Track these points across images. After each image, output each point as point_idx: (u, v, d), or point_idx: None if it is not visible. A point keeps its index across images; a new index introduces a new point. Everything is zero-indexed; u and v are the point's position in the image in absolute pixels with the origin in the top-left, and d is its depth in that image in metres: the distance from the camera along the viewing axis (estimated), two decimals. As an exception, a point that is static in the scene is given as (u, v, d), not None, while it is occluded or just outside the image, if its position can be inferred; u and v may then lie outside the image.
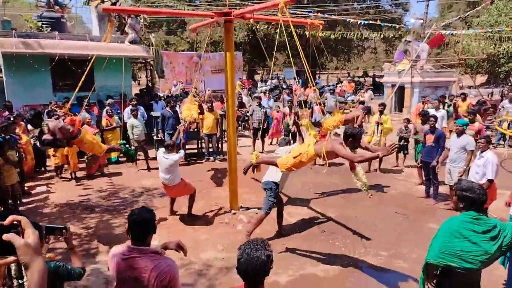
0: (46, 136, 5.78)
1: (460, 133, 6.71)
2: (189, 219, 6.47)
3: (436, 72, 18.42)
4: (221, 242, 5.63)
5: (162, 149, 6.17)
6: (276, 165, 5.01)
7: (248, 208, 6.92)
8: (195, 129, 9.99)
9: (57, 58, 10.09)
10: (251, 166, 5.69)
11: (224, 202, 7.02)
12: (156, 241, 5.56)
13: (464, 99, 12.64)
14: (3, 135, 6.66)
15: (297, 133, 10.39)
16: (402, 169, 9.51)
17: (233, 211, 6.74)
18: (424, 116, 8.00)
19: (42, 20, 11.24)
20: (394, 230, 6.10)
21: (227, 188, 6.92)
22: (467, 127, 7.35)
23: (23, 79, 10.32)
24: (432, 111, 9.57)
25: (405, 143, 9.33)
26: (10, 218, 1.08)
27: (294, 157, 4.68)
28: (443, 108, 11.66)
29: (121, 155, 9.92)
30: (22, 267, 1.11)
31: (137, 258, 2.38)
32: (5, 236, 1.03)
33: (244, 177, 6.57)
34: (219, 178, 8.81)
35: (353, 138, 4.43)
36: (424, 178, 7.82)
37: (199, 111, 8.72)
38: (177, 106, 11.05)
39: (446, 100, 12.63)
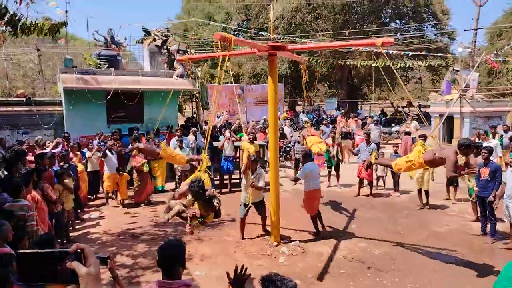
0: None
1: (518, 167, 6.27)
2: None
3: (488, 101, 17.55)
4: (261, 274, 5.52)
5: None
6: (391, 166, 6.07)
7: (290, 240, 6.79)
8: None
9: (112, 92, 10.83)
10: (370, 164, 6.93)
11: (269, 226, 6.94)
12: (198, 272, 5.59)
13: (521, 130, 11.88)
14: (62, 163, 7.15)
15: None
16: (453, 203, 8.97)
17: (275, 243, 6.65)
18: (477, 148, 7.58)
19: (100, 58, 12.19)
20: (448, 270, 5.69)
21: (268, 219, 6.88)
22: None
23: (81, 112, 11.13)
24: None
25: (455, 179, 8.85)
26: (74, 246, 1.11)
27: (406, 162, 5.55)
28: (493, 137, 11.05)
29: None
30: None
31: None
32: (69, 264, 1.06)
33: (286, 209, 6.53)
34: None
35: (467, 148, 4.90)
36: (479, 214, 7.31)
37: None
38: (220, 136, 11.33)
39: (499, 131, 11.94)
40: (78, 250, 1.10)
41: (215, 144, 10.71)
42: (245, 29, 26.53)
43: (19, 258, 1.11)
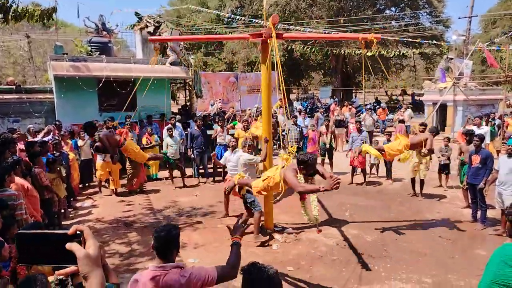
0: (98, 144, 7.13)
1: (511, 154, 6.30)
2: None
3: (481, 89, 17.62)
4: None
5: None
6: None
7: (283, 228, 6.83)
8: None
9: (103, 80, 10.68)
10: (233, 186, 6.21)
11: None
12: (191, 259, 5.61)
13: (514, 118, 11.99)
14: (54, 152, 7.07)
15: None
16: (445, 190, 9.07)
17: (268, 231, 6.68)
18: (469, 136, 7.62)
19: (91, 45, 11.99)
20: (439, 256, 5.77)
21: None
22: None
23: (72, 99, 10.98)
24: (474, 129, 9.15)
25: (447, 162, 8.92)
26: (74, 228, 1.08)
27: (263, 180, 4.78)
28: (486, 125, 11.17)
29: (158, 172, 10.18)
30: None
31: (163, 277, 2.42)
32: (68, 245, 1.04)
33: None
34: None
35: (304, 165, 4.28)
36: (470, 201, 7.39)
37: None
38: (214, 125, 11.27)
39: (496, 120, 12.06)
40: (78, 232, 1.08)
41: (209, 132, 10.67)
42: (239, 16, 26.20)
43: (19, 239, 1.09)
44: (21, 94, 11.51)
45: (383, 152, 7.17)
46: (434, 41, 21.44)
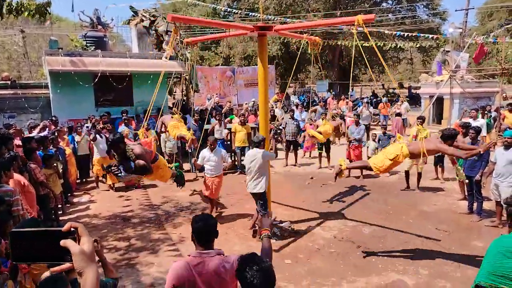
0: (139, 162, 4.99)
1: (508, 146, 6.33)
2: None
3: (478, 82, 17.65)
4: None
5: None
6: (370, 168, 5.29)
7: (281, 222, 6.85)
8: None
9: (99, 75, 10.62)
10: (340, 172, 5.52)
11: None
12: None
13: (511, 110, 12.06)
14: (51, 147, 7.04)
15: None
16: (442, 182, 9.12)
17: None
18: (465, 128, 7.65)
19: (87, 39, 11.90)
20: (435, 248, 5.81)
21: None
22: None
23: (68, 95, 10.92)
24: (470, 122, 9.19)
25: (441, 155, 8.94)
26: (68, 225, 1.07)
27: (391, 159, 5.07)
28: (482, 118, 11.24)
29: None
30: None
31: (208, 262, 2.55)
32: (63, 242, 1.04)
33: (277, 191, 6.56)
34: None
35: (451, 140, 5.13)
36: (466, 193, 7.44)
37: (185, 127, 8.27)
38: (211, 119, 11.25)
39: (492, 112, 12.12)
40: (72, 229, 1.08)
41: (206, 127, 10.64)
42: (235, 10, 26.03)
43: (13, 237, 1.08)
44: (16, 90, 11.44)
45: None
46: (431, 34, 21.42)
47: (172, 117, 8.31)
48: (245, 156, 6.59)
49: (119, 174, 4.95)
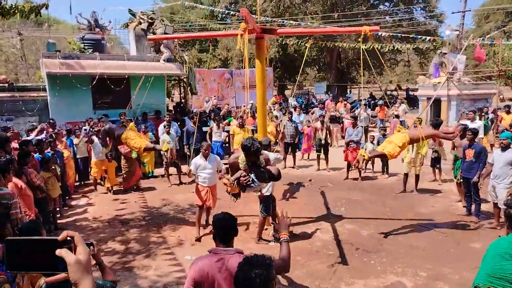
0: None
1: (505, 148, 6.36)
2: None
3: (475, 84, 17.73)
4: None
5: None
6: (385, 156, 6.16)
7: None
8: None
9: (97, 77, 10.60)
10: (364, 161, 6.68)
11: (257, 217, 6.98)
12: (188, 256, 5.62)
13: (508, 112, 12.14)
14: (48, 150, 7.02)
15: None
16: (439, 184, 9.14)
17: (265, 227, 6.69)
18: (463, 130, 7.67)
19: (84, 42, 11.88)
20: (434, 250, 5.82)
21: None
22: None
23: (65, 97, 10.89)
24: (467, 123, 9.22)
25: (436, 156, 8.96)
26: (64, 234, 1.06)
27: (400, 146, 6.06)
28: (480, 119, 11.30)
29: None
30: None
31: (228, 259, 2.64)
32: (58, 252, 1.02)
33: (275, 193, 6.55)
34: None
35: (438, 127, 6.68)
36: (464, 195, 7.45)
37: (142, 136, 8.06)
38: (210, 121, 11.26)
39: (489, 114, 12.18)
40: (68, 238, 1.06)
41: (204, 129, 10.66)
42: (233, 12, 26.08)
43: (7, 246, 1.06)
44: (14, 92, 11.40)
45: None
46: (428, 36, 21.51)
47: (124, 127, 7.38)
48: None
49: (252, 184, 4.42)
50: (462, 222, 6.89)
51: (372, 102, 22.70)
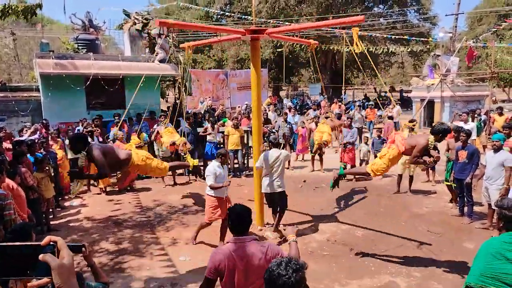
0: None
1: (497, 149, 6.42)
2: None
3: (468, 86, 17.90)
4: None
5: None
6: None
7: (273, 225, 6.84)
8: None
9: (91, 77, 10.55)
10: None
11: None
12: (182, 257, 5.60)
13: (500, 114, 12.25)
14: (42, 151, 6.97)
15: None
16: (433, 185, 9.20)
17: (259, 228, 6.69)
18: (457, 132, 7.70)
19: (78, 42, 11.82)
20: (428, 250, 5.86)
21: (252, 204, 6.90)
22: (504, 142, 7.05)
23: (59, 98, 10.82)
24: (460, 125, 9.29)
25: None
26: (47, 239, 1.06)
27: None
28: (472, 121, 11.40)
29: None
30: None
31: (247, 246, 2.82)
32: (41, 256, 1.02)
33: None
34: (245, 194, 8.81)
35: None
36: (457, 196, 7.50)
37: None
38: (205, 122, 11.23)
39: (482, 115, 12.29)
40: (51, 243, 1.07)
41: (199, 130, 10.63)
42: (228, 13, 26.09)
43: None
44: (7, 93, 11.31)
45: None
46: (421, 38, 21.70)
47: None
48: (264, 157, 6.15)
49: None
50: (455, 223, 6.95)
51: (367, 103, 22.81)
